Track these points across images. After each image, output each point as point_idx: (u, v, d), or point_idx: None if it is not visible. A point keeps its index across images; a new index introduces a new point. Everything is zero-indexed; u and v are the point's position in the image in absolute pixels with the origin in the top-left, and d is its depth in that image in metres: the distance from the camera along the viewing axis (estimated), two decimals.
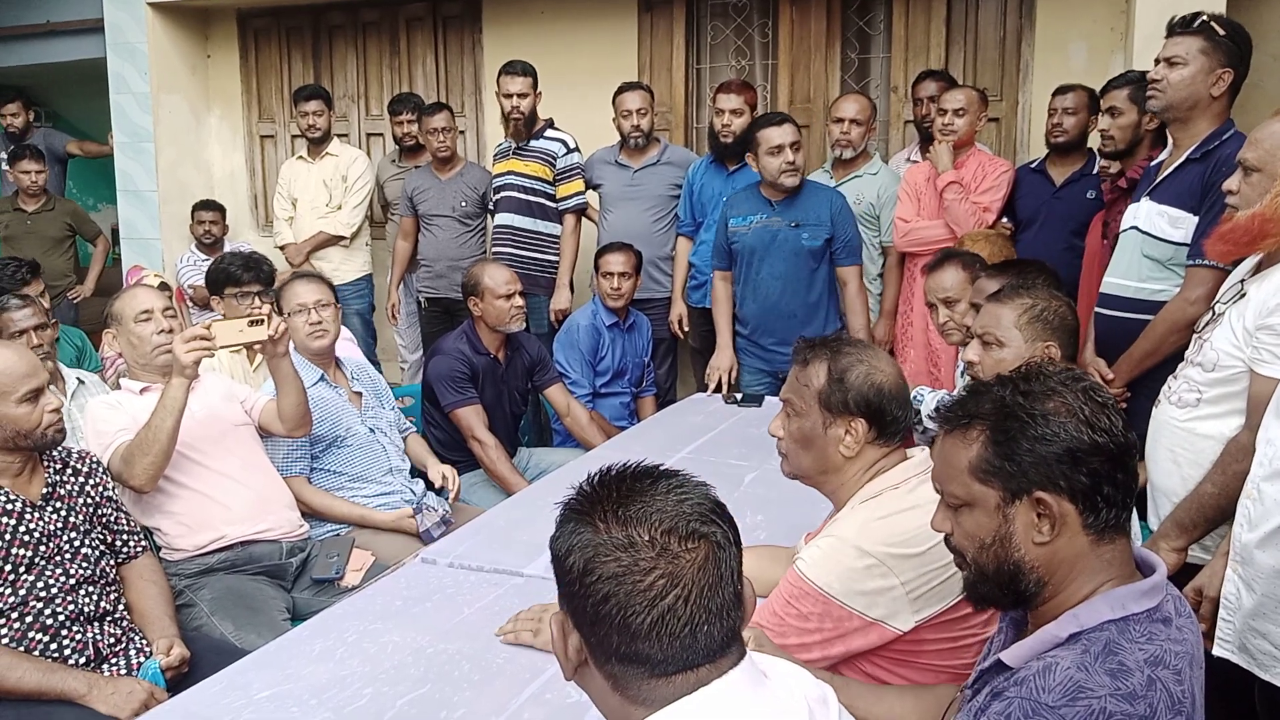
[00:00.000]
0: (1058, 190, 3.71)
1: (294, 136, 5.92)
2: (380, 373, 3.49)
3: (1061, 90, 3.73)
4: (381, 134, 5.82)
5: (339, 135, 5.42)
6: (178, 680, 2.11)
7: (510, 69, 4.33)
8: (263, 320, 2.52)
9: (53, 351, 3.17)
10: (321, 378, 3.01)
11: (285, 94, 5.91)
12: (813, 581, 1.60)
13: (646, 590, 0.96)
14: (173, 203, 5.82)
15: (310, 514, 2.86)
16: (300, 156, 5.25)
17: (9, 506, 2.10)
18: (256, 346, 2.70)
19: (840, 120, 3.97)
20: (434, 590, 2.10)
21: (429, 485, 3.19)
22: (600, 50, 5.22)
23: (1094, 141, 3.60)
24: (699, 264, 4.18)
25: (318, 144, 5.14)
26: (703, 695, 0.97)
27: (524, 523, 2.45)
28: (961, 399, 1.29)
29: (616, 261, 3.91)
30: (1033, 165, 3.90)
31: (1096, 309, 2.81)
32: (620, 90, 4.36)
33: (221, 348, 2.53)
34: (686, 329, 4.28)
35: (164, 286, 3.86)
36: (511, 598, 2.02)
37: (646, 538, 0.98)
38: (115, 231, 6.20)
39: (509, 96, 4.33)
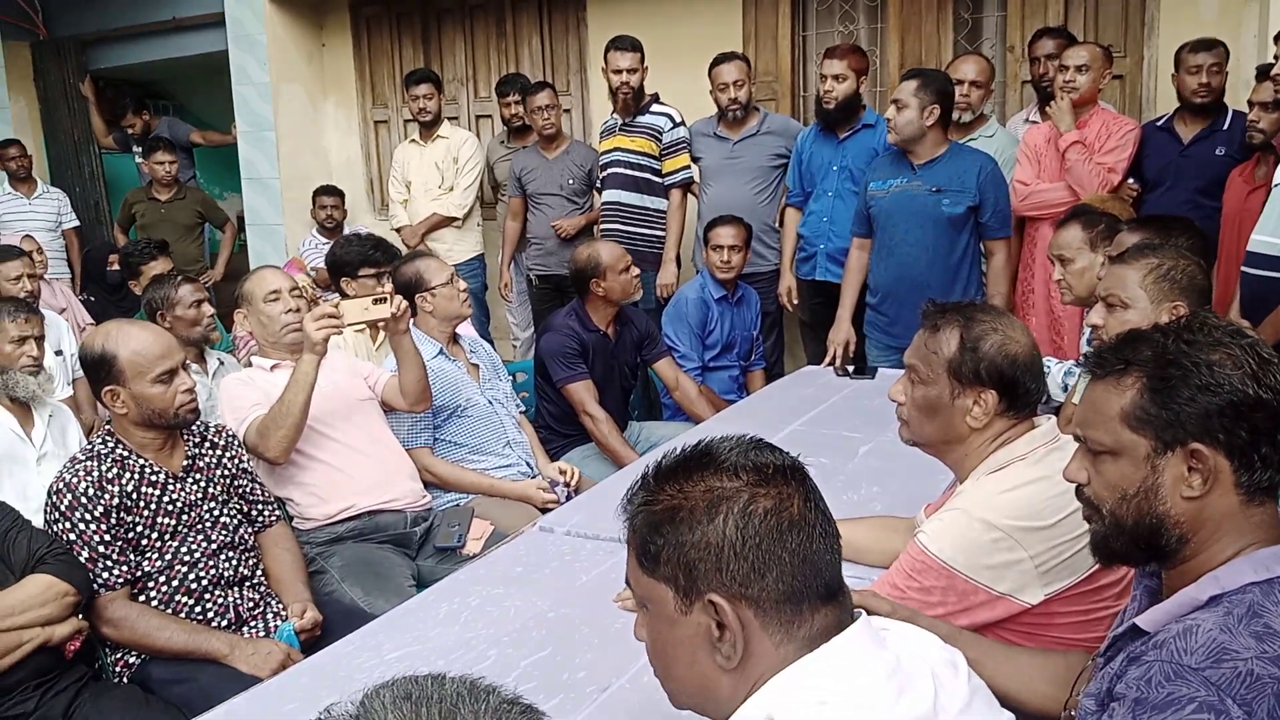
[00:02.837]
0: (1185, 148, 3.52)
1: (406, 121, 6.06)
2: (494, 350, 3.57)
3: (1199, 46, 3.54)
4: (490, 116, 5.91)
5: (449, 118, 5.52)
6: (311, 642, 2.22)
7: (619, 44, 4.34)
8: (385, 299, 2.61)
9: (211, 324, 3.34)
10: (440, 351, 3.10)
11: (397, 79, 6.06)
12: (936, 555, 1.57)
13: (800, 513, 0.97)
14: (294, 189, 6.04)
15: (437, 484, 2.95)
16: (412, 140, 5.38)
17: (153, 478, 2.23)
18: (380, 324, 2.78)
19: (960, 83, 3.84)
20: (552, 557, 2.15)
21: None
22: (704, 21, 5.18)
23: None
24: (808, 235, 4.12)
25: (429, 127, 5.25)
26: (825, 651, 0.96)
27: None
28: (1117, 344, 1.23)
29: (726, 234, 3.88)
30: (1159, 123, 3.71)
31: (1243, 268, 2.67)
32: (716, 62, 4.31)
33: (348, 325, 2.62)
34: (795, 302, 4.24)
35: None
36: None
37: (771, 469, 0.99)
38: (241, 218, 6.47)
39: (617, 72, 4.33)
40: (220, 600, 2.24)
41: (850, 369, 3.54)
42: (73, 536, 2.10)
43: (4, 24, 6.96)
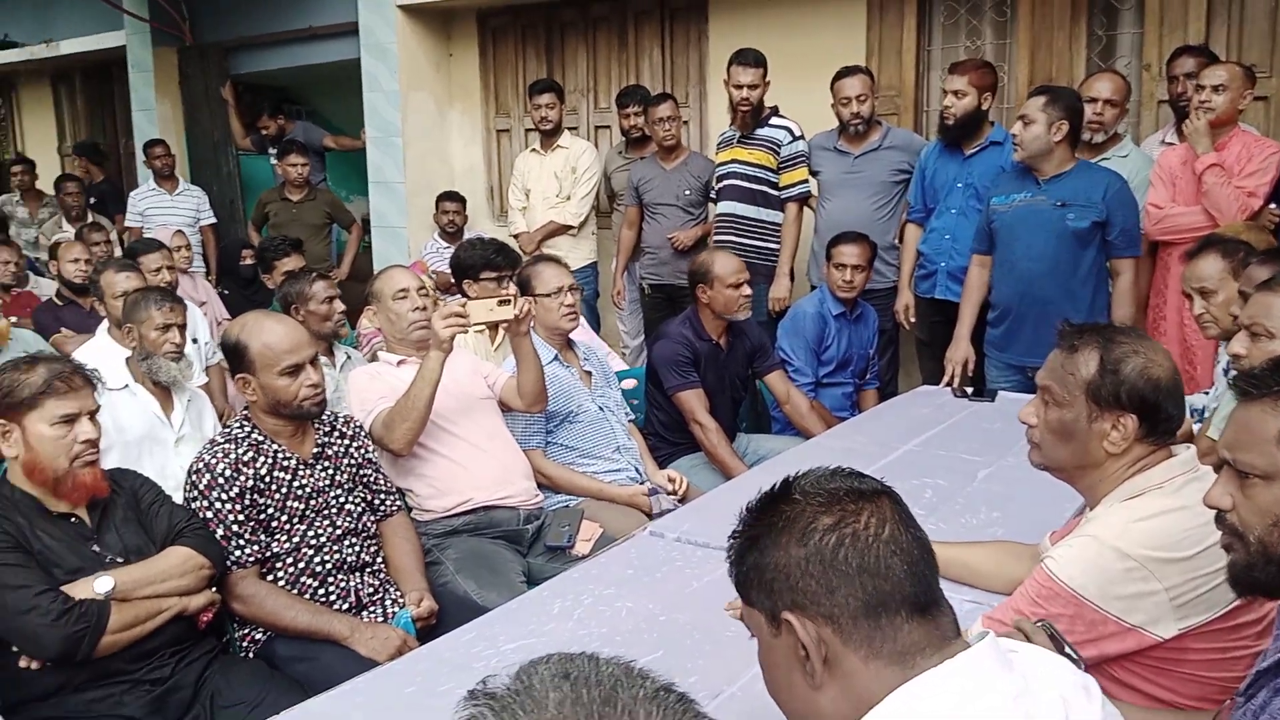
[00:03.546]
0: None
1: (528, 130, 6.19)
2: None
3: None
4: (609, 126, 5.99)
5: (569, 128, 5.62)
6: (425, 631, 2.28)
7: (742, 59, 4.34)
8: (510, 301, 2.67)
9: (341, 320, 3.48)
10: (556, 357, 3.15)
11: (520, 89, 6.20)
12: (1065, 582, 1.52)
13: (865, 528, 0.99)
14: (419, 194, 6.23)
15: (548, 484, 3.00)
16: (533, 149, 5.49)
17: (285, 463, 2.33)
18: (502, 325, 2.85)
19: (1093, 101, 3.73)
20: (663, 562, 2.16)
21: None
22: (828, 34, 5.16)
23: None
24: (928, 252, 4.05)
25: (549, 136, 5.35)
26: (947, 669, 0.96)
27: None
28: (1273, 366, 1.20)
29: (851, 253, 3.82)
30: None
31: None
32: (839, 76, 4.27)
33: (474, 325, 2.70)
34: (913, 320, 4.17)
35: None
36: None
37: (841, 493, 1.02)
38: (366, 220, 6.70)
39: (739, 87, 4.34)
40: (342, 584, 2.32)
41: (969, 390, 3.47)
42: (209, 514, 2.21)
43: (155, 30, 7.37)
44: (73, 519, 2.06)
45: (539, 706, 0.69)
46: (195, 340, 4.01)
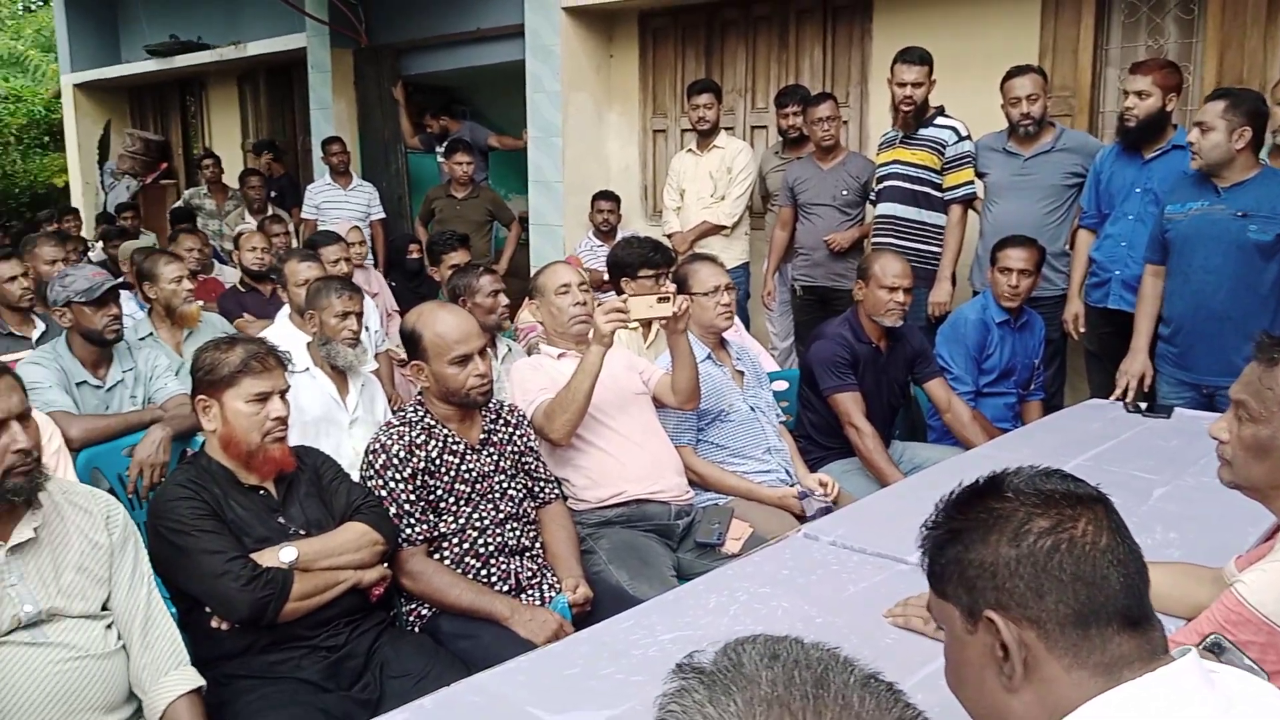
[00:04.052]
0: None
1: (684, 131, 6.24)
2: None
3: None
4: (765, 126, 5.97)
5: (725, 128, 5.63)
6: (580, 617, 2.34)
7: (907, 57, 4.26)
8: (669, 298, 2.70)
9: (505, 313, 3.61)
10: (709, 355, 3.17)
11: (678, 90, 6.25)
12: (1256, 608, 1.44)
13: (1083, 535, 0.97)
14: (575, 193, 6.36)
15: (699, 482, 3.03)
16: (689, 149, 5.52)
17: (454, 447, 2.43)
18: (659, 322, 2.89)
19: None
20: (818, 565, 2.14)
21: None
22: (998, 33, 4.99)
23: None
24: (1101, 260, 3.87)
25: (706, 136, 5.37)
26: (1147, 681, 0.93)
27: (904, 513, 2.39)
28: None
29: (1017, 257, 3.67)
30: None
31: None
32: (1009, 75, 4.12)
33: (634, 320, 2.75)
34: (1082, 329, 3.99)
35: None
36: (896, 583, 2.01)
37: (1058, 495, 1.00)
38: (524, 218, 6.89)
39: (902, 85, 4.26)
40: (503, 567, 2.41)
41: (1144, 405, 3.30)
42: (383, 493, 2.33)
43: (333, 32, 7.78)
44: (261, 491, 2.21)
45: (750, 683, 0.70)
46: (367, 329, 4.22)
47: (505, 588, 2.38)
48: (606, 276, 3.99)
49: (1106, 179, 3.86)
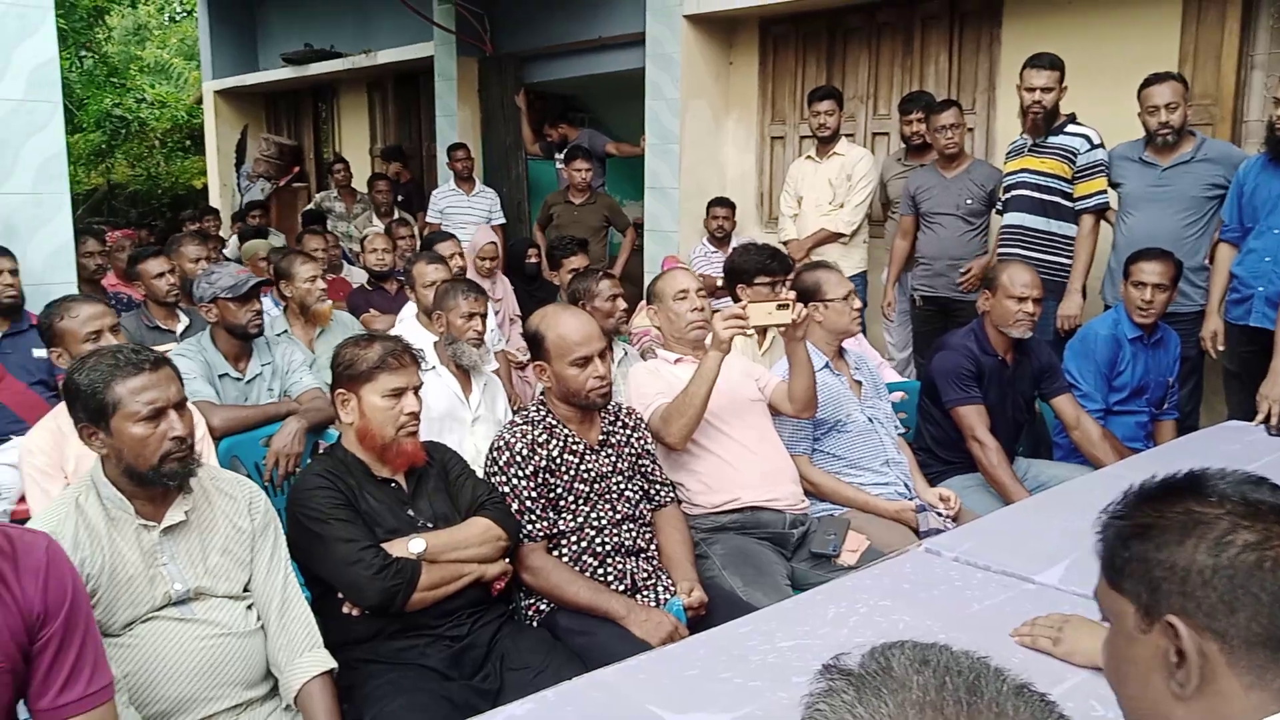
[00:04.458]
0: None
1: (803, 138, 6.20)
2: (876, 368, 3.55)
3: None
4: (887, 133, 5.89)
5: (846, 135, 5.57)
6: (694, 621, 2.35)
7: (1037, 61, 4.15)
8: (788, 305, 2.70)
9: (623, 317, 3.68)
10: (827, 364, 3.14)
11: (798, 97, 6.22)
12: None
13: (1244, 547, 0.93)
14: (691, 199, 6.39)
15: (814, 492, 3.01)
16: (808, 156, 5.48)
17: (574, 447, 2.47)
18: (779, 330, 2.88)
19: None
20: (940, 580, 2.11)
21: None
22: (1136, 39, 4.81)
23: None
24: (1243, 275, 3.68)
25: (826, 143, 5.33)
26: None
27: (1031, 531, 2.37)
28: None
29: (1152, 270, 3.52)
30: None
31: None
32: (1148, 83, 3.96)
33: (753, 327, 2.75)
34: (1221, 347, 3.81)
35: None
36: (1022, 602, 1.96)
37: (1266, 508, 0.95)
38: (638, 224, 6.95)
39: (1031, 90, 4.15)
40: (620, 566, 2.44)
41: None
42: (506, 489, 2.39)
43: (460, 41, 8.01)
44: (393, 484, 2.29)
45: (902, 687, 0.70)
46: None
47: (621, 587, 2.41)
48: (719, 282, 4.00)
49: (1250, 191, 3.68)
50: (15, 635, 1.48)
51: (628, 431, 2.61)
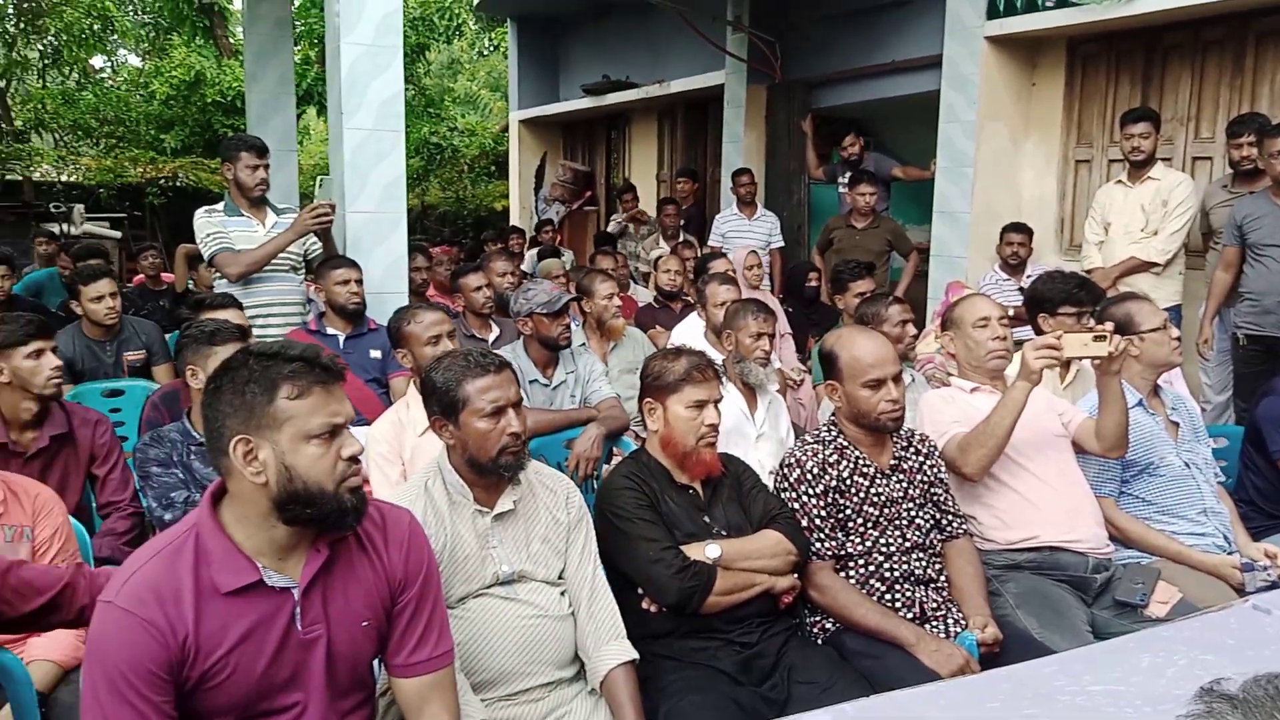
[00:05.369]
0: None
1: (1111, 161, 5.84)
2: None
3: None
4: (1210, 157, 5.43)
5: (1162, 159, 5.19)
6: (986, 658, 2.29)
7: None
8: (1105, 337, 2.57)
9: (912, 344, 3.66)
10: (1140, 402, 2.96)
11: (1108, 118, 5.86)
12: None
13: None
14: (983, 224, 6.17)
15: (1119, 537, 2.84)
16: (1119, 181, 5.15)
17: (865, 469, 2.49)
18: (1093, 363, 2.74)
19: None
20: (1271, 640, 1.93)
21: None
22: None
23: None
24: None
25: (1139, 167, 4.98)
26: None
27: None
28: None
29: None
30: None
31: None
32: None
33: (1066, 359, 2.64)
34: None
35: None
36: None
37: None
38: (921, 249, 6.79)
39: None
40: (908, 594, 2.42)
41: None
42: (796, 505, 2.44)
43: (750, 69, 8.19)
44: (691, 490, 2.41)
45: None
46: None
47: (910, 615, 2.39)
48: (1010, 311, 3.82)
49: None
50: (382, 597, 1.70)
51: (920, 458, 2.59)
